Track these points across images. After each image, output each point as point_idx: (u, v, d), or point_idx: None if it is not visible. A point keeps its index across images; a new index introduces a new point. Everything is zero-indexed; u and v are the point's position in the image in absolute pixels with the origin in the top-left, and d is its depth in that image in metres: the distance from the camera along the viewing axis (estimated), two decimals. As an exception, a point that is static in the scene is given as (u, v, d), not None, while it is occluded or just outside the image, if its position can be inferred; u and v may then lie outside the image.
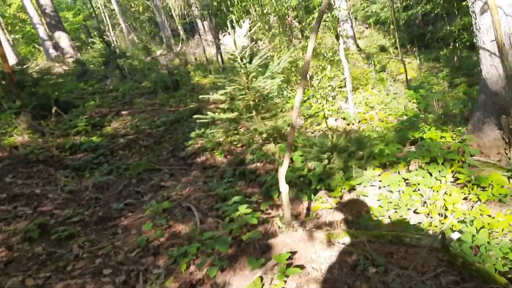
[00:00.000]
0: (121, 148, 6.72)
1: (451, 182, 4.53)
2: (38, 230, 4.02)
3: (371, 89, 10.35)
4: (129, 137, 7.17)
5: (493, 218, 3.66)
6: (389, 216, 4.14)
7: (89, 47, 21.09)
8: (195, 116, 5.38)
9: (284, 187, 3.16)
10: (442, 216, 4.02)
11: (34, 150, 5.96)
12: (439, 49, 17.17)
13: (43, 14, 17.35)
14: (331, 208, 4.30)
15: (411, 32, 19.34)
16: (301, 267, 2.90)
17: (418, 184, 4.44)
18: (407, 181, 4.62)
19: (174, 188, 5.07)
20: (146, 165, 5.80)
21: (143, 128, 7.52)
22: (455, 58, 15.32)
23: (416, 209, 4.17)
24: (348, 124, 7.70)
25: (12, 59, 19.12)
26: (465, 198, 4.26)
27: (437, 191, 4.37)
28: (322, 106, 8.14)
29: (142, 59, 15.37)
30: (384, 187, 4.62)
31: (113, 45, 23.85)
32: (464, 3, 12.90)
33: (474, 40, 5.20)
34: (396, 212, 4.15)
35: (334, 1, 14.61)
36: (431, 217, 4.07)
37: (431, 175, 4.60)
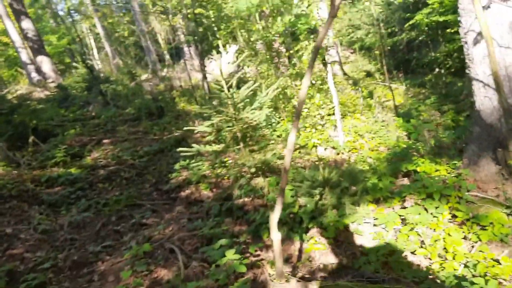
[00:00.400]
0: (101, 181, 6.38)
1: (449, 219, 4.32)
2: (5, 278, 3.66)
3: (360, 116, 10.24)
4: (110, 169, 6.84)
5: (497, 262, 3.44)
6: (386, 257, 3.88)
7: (72, 71, 20.80)
8: (179, 149, 5.11)
9: (276, 236, 2.89)
10: (442, 258, 3.78)
11: (7, 184, 5.59)
12: (424, 75, 17.33)
13: (26, 38, 17.06)
14: (324, 250, 4.03)
15: (396, 58, 19.54)
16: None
17: (416, 224, 4.21)
18: (402, 218, 4.40)
19: (157, 226, 4.74)
20: (127, 200, 5.47)
21: (125, 159, 7.20)
22: (440, 84, 15.44)
23: (414, 251, 3.93)
24: (338, 154, 7.51)
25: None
26: (464, 238, 4.05)
27: (435, 230, 4.15)
28: (311, 135, 7.96)
29: (127, 84, 15.11)
30: (379, 225, 4.38)
31: (97, 69, 23.61)
32: (448, 30, 13.04)
33: (467, 71, 5.09)
34: (393, 253, 3.90)
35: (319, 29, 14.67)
36: (430, 259, 3.83)
37: (427, 211, 4.39)
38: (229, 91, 4.97)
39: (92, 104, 11.94)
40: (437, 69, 15.99)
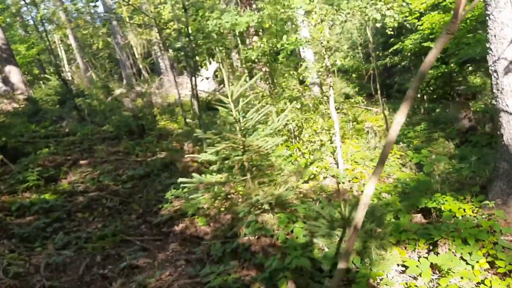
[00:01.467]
0: (80, 210, 5.63)
1: (486, 268, 3.85)
2: None
3: (349, 141, 9.84)
4: (90, 195, 6.09)
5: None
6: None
7: (42, 83, 19.74)
8: (180, 179, 4.48)
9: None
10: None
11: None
12: (401, 100, 17.28)
13: (-7, 46, 15.97)
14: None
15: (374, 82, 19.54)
16: None
17: (450, 272, 3.71)
18: (434, 266, 3.90)
19: (150, 270, 4.06)
20: (112, 236, 4.75)
21: (106, 184, 6.46)
22: (422, 109, 15.39)
23: (458, 307, 3.42)
24: (339, 183, 7.02)
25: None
26: (509, 292, 3.58)
27: (471, 280, 3.67)
28: (309, 162, 7.43)
29: (102, 99, 14.27)
30: (409, 273, 3.86)
31: (69, 82, 22.54)
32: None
33: (494, 102, 4.72)
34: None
35: (299, 50, 14.33)
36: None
37: (462, 258, 3.91)
38: (236, 113, 4.41)
39: (66, 120, 11.07)
40: (419, 95, 15.97)
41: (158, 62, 22.86)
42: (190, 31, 8.03)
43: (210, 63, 18.56)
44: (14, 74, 16.45)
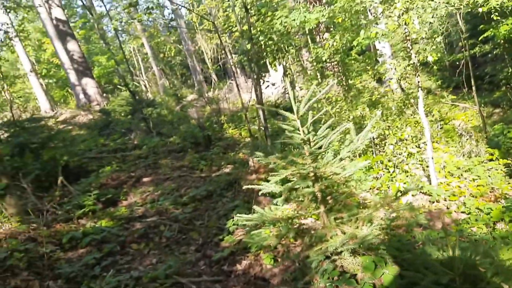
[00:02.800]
0: (136, 240, 5.09)
1: None
2: None
3: (438, 145, 8.44)
4: (148, 221, 5.56)
5: None
6: None
7: (118, 94, 20.25)
8: (236, 216, 3.71)
9: None
10: None
11: (15, 251, 4.39)
12: (490, 92, 15.28)
13: (71, 60, 16.55)
14: None
15: (459, 74, 17.45)
16: None
17: None
18: None
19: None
20: (165, 278, 4.10)
21: (166, 208, 5.90)
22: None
23: None
24: (433, 202, 5.85)
25: (45, 105, 18.40)
26: None
27: None
28: (393, 176, 6.35)
29: (172, 109, 14.09)
30: None
31: (144, 90, 23.04)
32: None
33: None
34: None
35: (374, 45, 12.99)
36: None
37: None
38: (306, 132, 3.54)
39: (134, 132, 10.91)
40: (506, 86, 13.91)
41: (228, 66, 22.59)
42: (253, 33, 7.31)
43: (279, 64, 17.79)
44: (90, 86, 16.96)
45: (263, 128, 7.33)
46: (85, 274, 4.27)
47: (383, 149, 6.75)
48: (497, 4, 7.26)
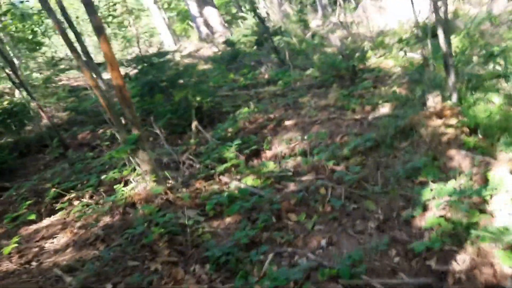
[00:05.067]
0: (293, 208, 3.96)
1: None
2: None
3: None
4: (302, 180, 4.39)
5: None
6: None
7: (240, 23, 19.17)
8: (431, 187, 2.24)
9: None
10: None
11: (151, 223, 3.54)
12: None
13: (192, -11, 15.70)
14: None
15: None
16: None
17: None
18: None
19: None
20: (349, 275, 2.89)
21: (323, 163, 4.63)
22: None
23: None
24: None
25: (168, 39, 18.24)
26: None
27: None
28: None
29: (300, 36, 12.49)
30: None
31: (265, 19, 21.58)
32: None
33: None
34: None
35: None
36: None
37: None
38: None
39: (264, 64, 9.70)
40: None
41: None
42: None
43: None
44: (213, 16, 16.07)
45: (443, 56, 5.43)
46: (237, 258, 3.26)
47: None
48: None
